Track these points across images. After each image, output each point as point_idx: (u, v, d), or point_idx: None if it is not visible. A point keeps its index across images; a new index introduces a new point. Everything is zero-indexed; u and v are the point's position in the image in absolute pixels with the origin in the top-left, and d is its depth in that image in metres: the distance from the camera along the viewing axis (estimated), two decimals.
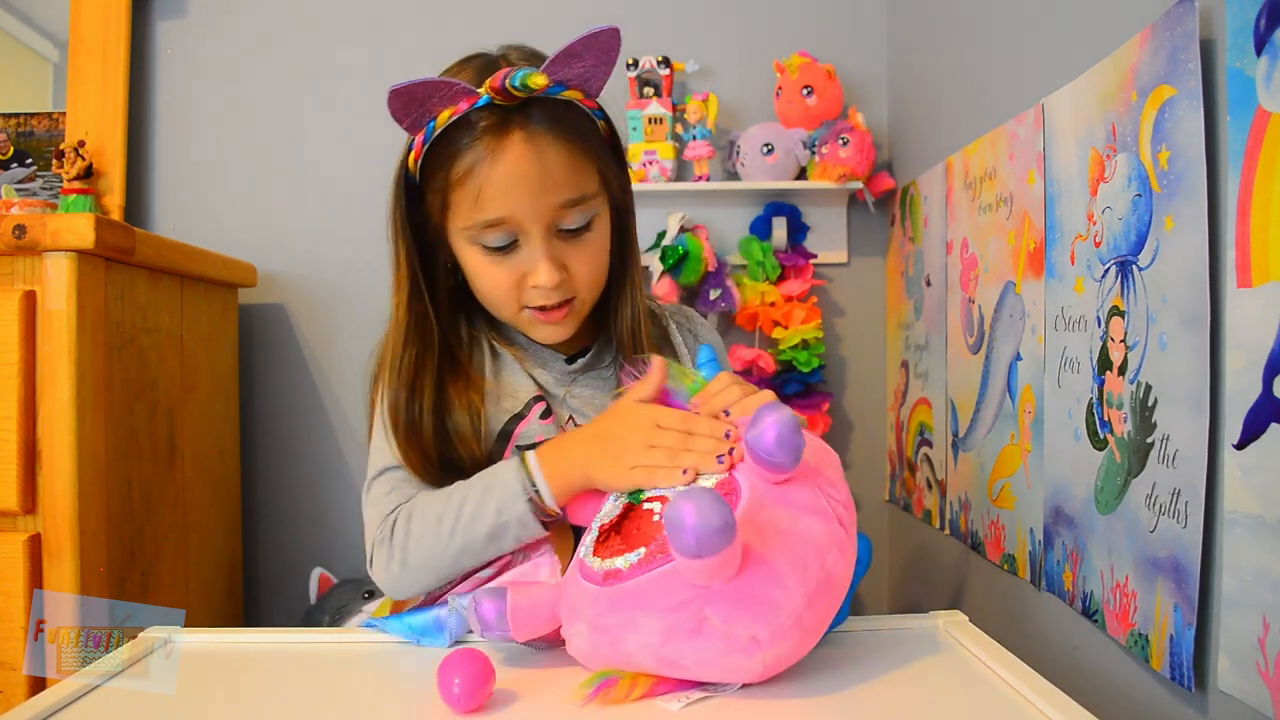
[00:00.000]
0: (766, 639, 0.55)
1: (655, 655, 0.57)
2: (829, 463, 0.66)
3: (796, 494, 0.61)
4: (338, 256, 1.65)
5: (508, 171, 0.73)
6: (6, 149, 1.60)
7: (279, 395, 1.65)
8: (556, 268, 0.76)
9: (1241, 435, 0.64)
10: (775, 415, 0.58)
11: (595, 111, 0.79)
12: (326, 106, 1.65)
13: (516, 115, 0.73)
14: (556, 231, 0.77)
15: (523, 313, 0.80)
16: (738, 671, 0.57)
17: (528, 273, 0.77)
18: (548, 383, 0.85)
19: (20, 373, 1.03)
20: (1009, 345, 1.06)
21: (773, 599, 0.56)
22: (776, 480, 0.61)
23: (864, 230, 1.65)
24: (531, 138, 0.73)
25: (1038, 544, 0.98)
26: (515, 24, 1.58)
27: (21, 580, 1.03)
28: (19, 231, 1.02)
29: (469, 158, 0.73)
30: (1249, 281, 0.63)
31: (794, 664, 0.59)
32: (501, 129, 0.72)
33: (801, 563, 0.57)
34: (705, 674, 0.58)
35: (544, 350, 0.87)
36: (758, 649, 0.56)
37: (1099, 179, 0.84)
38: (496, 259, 0.77)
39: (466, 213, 0.75)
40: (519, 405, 0.83)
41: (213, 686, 0.64)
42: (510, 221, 0.75)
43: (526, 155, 0.72)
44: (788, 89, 1.55)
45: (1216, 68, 0.67)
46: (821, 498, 0.61)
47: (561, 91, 0.74)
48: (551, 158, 0.73)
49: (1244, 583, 0.64)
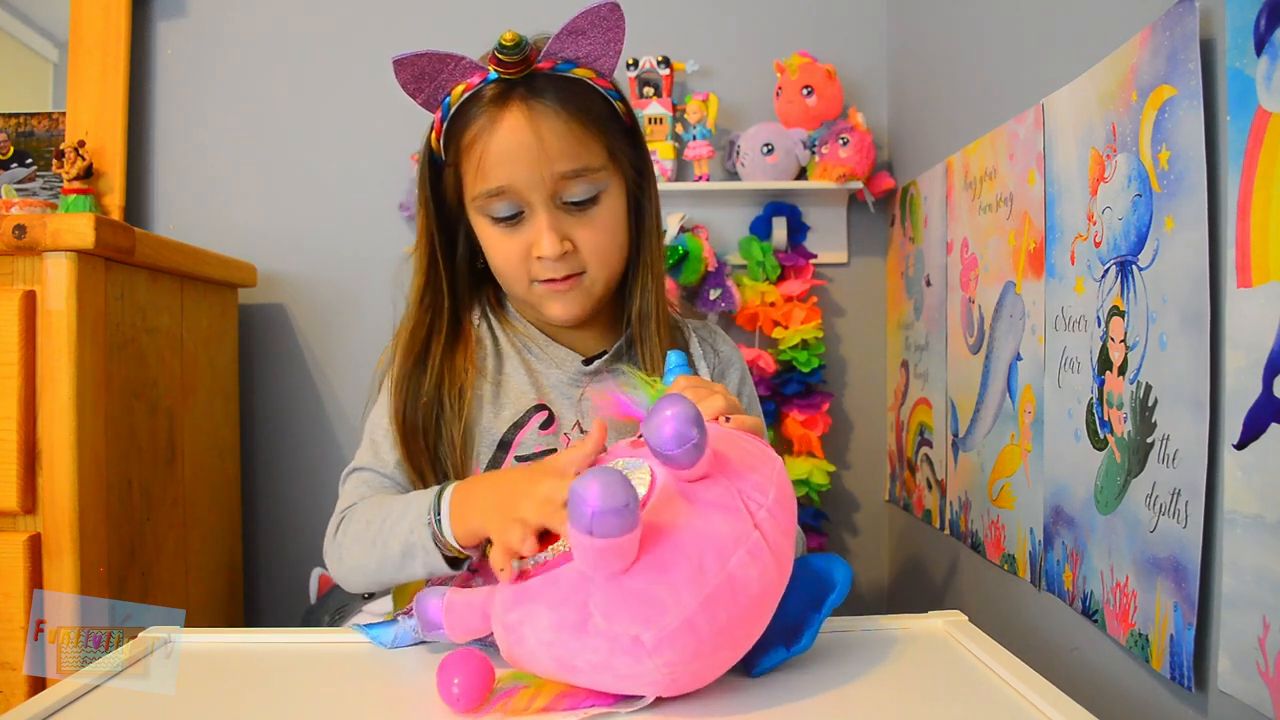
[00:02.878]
0: (651, 642, 0.51)
1: (550, 654, 0.54)
2: (764, 466, 0.61)
3: (706, 491, 0.57)
4: (338, 256, 1.65)
5: (504, 139, 0.74)
6: (6, 149, 1.60)
7: (279, 395, 1.65)
8: (559, 238, 0.76)
9: (1241, 435, 0.64)
10: (673, 409, 0.54)
11: (610, 92, 0.79)
12: (327, 106, 1.65)
13: (520, 87, 0.74)
14: (561, 204, 0.77)
15: (533, 287, 0.80)
16: (629, 678, 0.53)
17: (533, 244, 0.77)
18: (559, 383, 0.84)
19: (20, 373, 1.03)
20: (1009, 345, 1.06)
21: (658, 598, 0.52)
22: (686, 478, 0.57)
23: (864, 230, 1.65)
24: (530, 108, 0.74)
25: (1038, 544, 0.98)
26: (518, 23, 1.59)
27: (21, 580, 1.03)
28: (19, 231, 1.02)
29: (474, 128, 0.75)
30: (1249, 281, 0.63)
31: (711, 680, 0.56)
32: (503, 100, 0.74)
33: (697, 563, 0.53)
34: (598, 679, 0.54)
35: (560, 350, 0.85)
36: (643, 652, 0.52)
37: (1099, 179, 0.84)
38: (505, 230, 0.78)
39: (473, 183, 0.77)
40: (519, 413, 0.82)
41: (213, 686, 0.64)
42: (510, 191, 0.75)
43: (522, 124, 0.73)
44: (788, 89, 1.55)
45: (1216, 68, 0.67)
46: (737, 497, 0.56)
47: (570, 69, 0.75)
48: (548, 127, 0.74)
49: (1244, 583, 0.64)
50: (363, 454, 0.84)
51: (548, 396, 0.84)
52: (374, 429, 0.84)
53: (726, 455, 0.60)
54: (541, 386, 0.84)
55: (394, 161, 1.61)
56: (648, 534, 0.53)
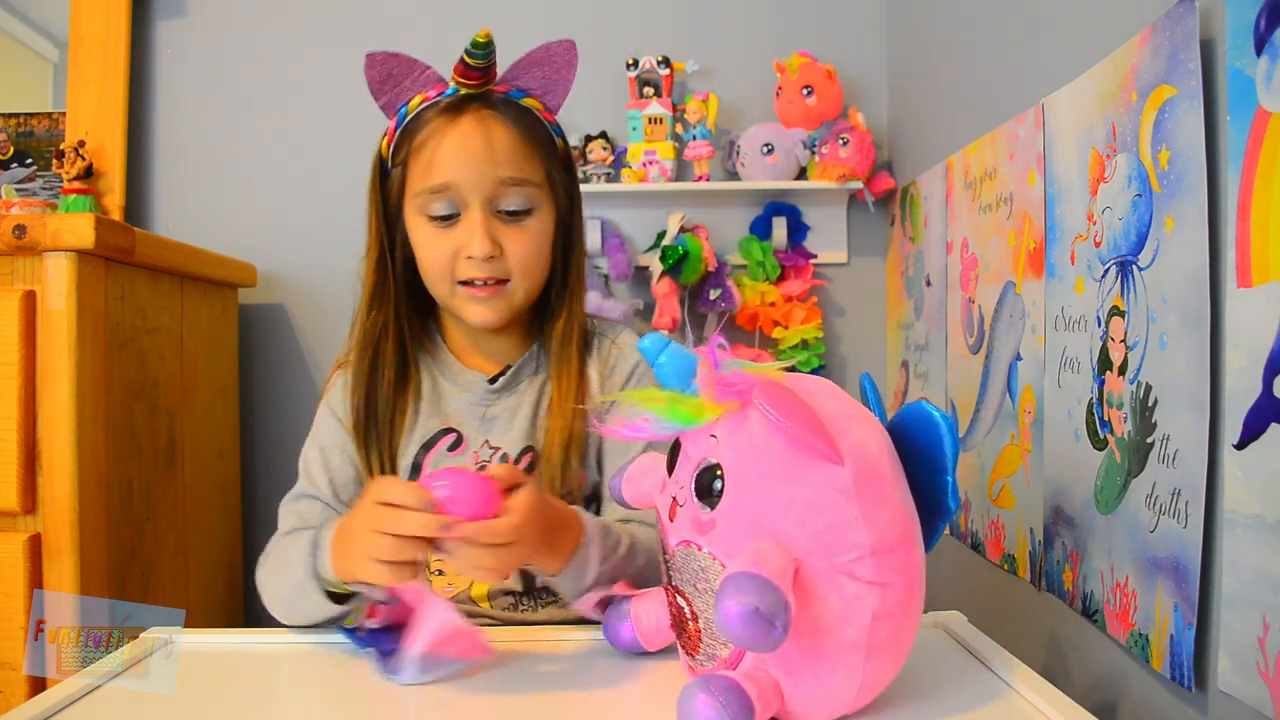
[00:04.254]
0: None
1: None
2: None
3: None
4: (338, 256, 1.64)
5: (455, 141, 0.78)
6: (6, 149, 1.60)
7: (279, 395, 1.65)
8: (490, 241, 0.79)
9: (1241, 435, 0.64)
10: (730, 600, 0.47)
11: (553, 127, 0.85)
12: (326, 106, 1.65)
13: (475, 100, 0.80)
14: (495, 211, 0.80)
15: (456, 290, 0.82)
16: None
17: (463, 245, 0.79)
18: (465, 406, 0.85)
19: (20, 373, 1.03)
20: (1009, 345, 1.06)
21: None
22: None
23: (864, 230, 1.65)
24: (483, 117, 0.79)
25: (1038, 544, 0.98)
26: (516, 25, 1.59)
27: (21, 580, 1.03)
28: (19, 231, 1.02)
29: (428, 130, 0.79)
30: (1249, 281, 0.63)
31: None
32: (459, 107, 0.79)
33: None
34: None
35: (468, 374, 0.86)
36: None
37: (1099, 179, 0.84)
38: (438, 230, 0.80)
39: (418, 179, 0.80)
40: (428, 434, 0.84)
41: (213, 686, 0.64)
42: (453, 189, 0.79)
43: (475, 129, 0.79)
44: (788, 89, 1.55)
45: (1216, 68, 0.67)
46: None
47: (521, 98, 0.82)
48: (498, 136, 0.79)
49: (1244, 583, 0.64)
50: (301, 481, 0.86)
51: (456, 419, 0.85)
52: (305, 460, 0.86)
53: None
54: (447, 412, 0.85)
55: None
56: None
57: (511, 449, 0.83)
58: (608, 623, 0.68)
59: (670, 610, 0.61)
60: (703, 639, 0.56)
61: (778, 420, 0.51)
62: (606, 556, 0.71)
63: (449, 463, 0.82)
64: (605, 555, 0.71)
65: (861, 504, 0.52)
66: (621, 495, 0.66)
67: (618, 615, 0.67)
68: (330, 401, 0.87)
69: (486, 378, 0.86)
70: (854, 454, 0.52)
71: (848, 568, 0.51)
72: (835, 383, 0.59)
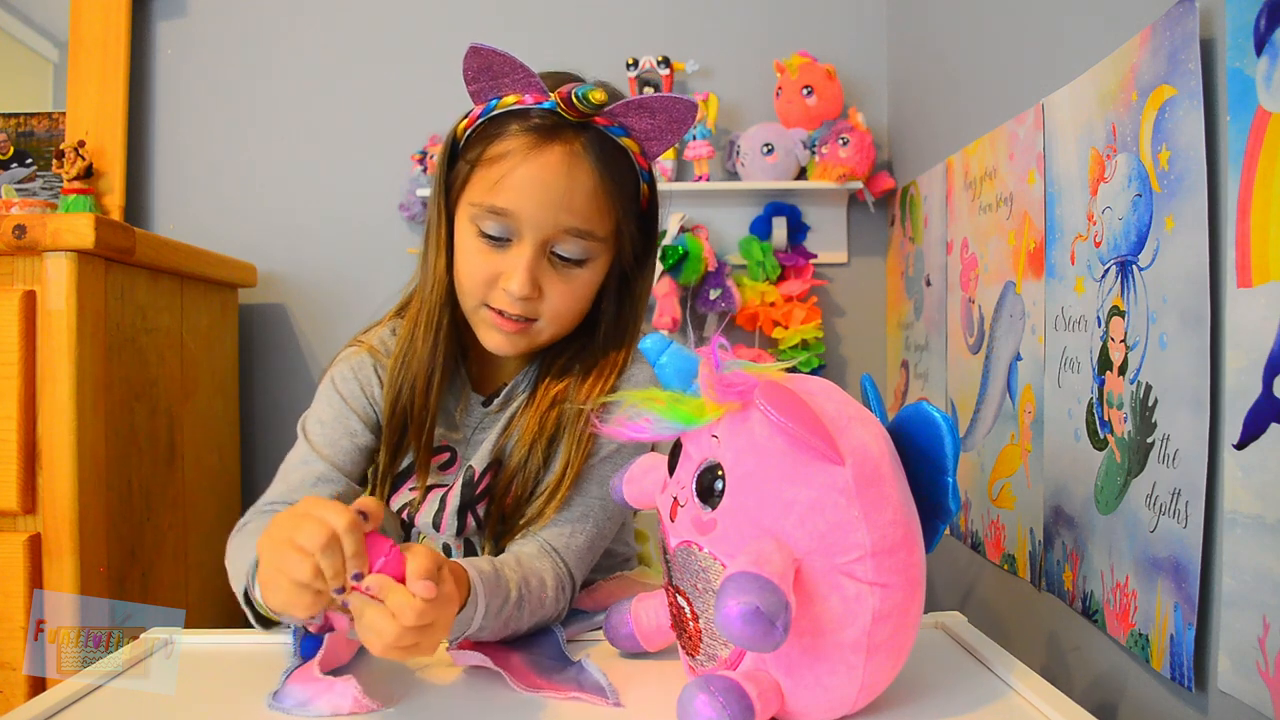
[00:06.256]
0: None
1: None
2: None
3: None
4: (338, 256, 1.65)
5: (534, 170, 0.73)
6: (6, 149, 1.60)
7: (279, 395, 1.65)
8: (531, 283, 0.75)
9: (1241, 435, 0.64)
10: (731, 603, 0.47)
11: (644, 173, 0.80)
12: (327, 106, 1.65)
13: (569, 130, 0.74)
14: (549, 253, 0.76)
15: (481, 310, 0.79)
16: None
17: (504, 274, 0.76)
18: (461, 424, 0.84)
19: (20, 373, 1.03)
20: (1009, 345, 1.06)
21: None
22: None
23: (864, 230, 1.65)
24: (572, 154, 0.74)
25: (1038, 544, 0.98)
26: (516, 25, 1.59)
27: (21, 580, 1.03)
28: (19, 231, 1.02)
29: (509, 144, 0.74)
30: (1249, 281, 0.63)
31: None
32: (550, 134, 0.74)
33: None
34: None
35: (469, 392, 0.85)
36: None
37: (1099, 179, 0.84)
38: (485, 247, 0.76)
39: (482, 192, 0.75)
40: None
41: (213, 686, 0.64)
42: (513, 218, 0.74)
43: (559, 166, 0.73)
44: (788, 89, 1.55)
45: (1216, 68, 0.67)
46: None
47: (621, 135, 0.76)
48: (580, 179, 0.74)
49: (1244, 583, 0.64)
50: (299, 453, 0.80)
51: (451, 436, 0.83)
52: (286, 469, 0.80)
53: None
54: (443, 427, 0.83)
55: (394, 162, 1.61)
56: None
57: (480, 464, 0.81)
58: (608, 623, 0.68)
59: (670, 610, 0.61)
60: (703, 639, 0.56)
61: (779, 421, 0.51)
62: (495, 612, 0.66)
63: (440, 479, 0.82)
64: (493, 611, 0.66)
65: (862, 504, 0.52)
66: (622, 495, 0.66)
67: (618, 615, 0.67)
68: (344, 376, 0.82)
69: (481, 399, 0.84)
70: (855, 455, 0.53)
71: (848, 568, 0.51)
72: (835, 383, 0.59)
